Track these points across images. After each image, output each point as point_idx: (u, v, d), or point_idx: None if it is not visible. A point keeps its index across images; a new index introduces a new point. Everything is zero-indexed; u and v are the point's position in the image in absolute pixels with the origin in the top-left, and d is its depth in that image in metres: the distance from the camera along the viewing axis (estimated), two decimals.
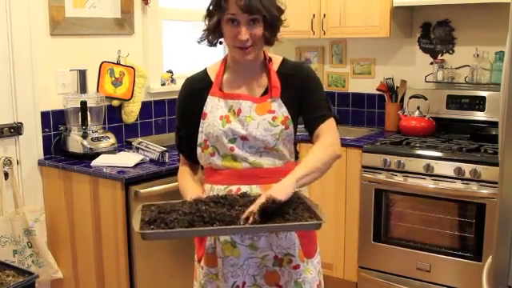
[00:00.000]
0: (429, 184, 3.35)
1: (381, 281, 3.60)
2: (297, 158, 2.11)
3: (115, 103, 3.62)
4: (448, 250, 3.38)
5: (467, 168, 3.23)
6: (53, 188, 3.22)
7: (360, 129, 4.24)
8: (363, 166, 3.59)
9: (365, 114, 4.38)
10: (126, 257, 2.93)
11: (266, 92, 2.02)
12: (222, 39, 2.00)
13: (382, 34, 3.84)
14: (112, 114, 3.61)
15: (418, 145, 3.56)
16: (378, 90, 4.19)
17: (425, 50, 4.10)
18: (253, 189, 1.96)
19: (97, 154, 3.19)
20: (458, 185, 3.27)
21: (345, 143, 3.66)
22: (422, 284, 3.45)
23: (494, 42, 3.74)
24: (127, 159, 3.12)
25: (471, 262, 3.28)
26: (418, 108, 3.91)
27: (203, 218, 1.68)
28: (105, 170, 3.00)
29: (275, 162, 2.00)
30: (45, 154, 3.28)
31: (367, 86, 4.31)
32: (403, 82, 4.12)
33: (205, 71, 2.12)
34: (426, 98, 3.91)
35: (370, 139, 3.78)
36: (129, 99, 3.62)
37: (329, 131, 1.99)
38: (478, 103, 3.80)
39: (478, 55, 3.80)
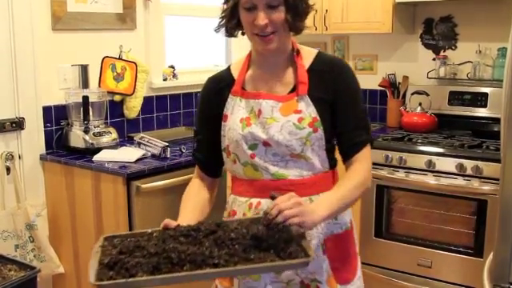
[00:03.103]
0: (430, 180, 3.35)
1: (382, 277, 3.60)
2: (333, 166, 1.82)
3: (117, 98, 3.62)
4: (449, 246, 3.38)
5: (469, 164, 3.23)
6: (55, 183, 3.23)
7: None
8: None
9: (367, 109, 4.37)
10: None
11: (293, 90, 1.75)
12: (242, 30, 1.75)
13: (385, 29, 3.83)
14: (114, 109, 3.61)
15: (419, 141, 3.55)
16: (380, 85, 4.18)
17: (427, 46, 4.09)
18: None
19: (98, 149, 3.19)
20: (460, 181, 3.27)
21: None
22: (423, 280, 3.46)
23: (497, 39, 3.74)
24: (129, 154, 3.12)
25: (472, 258, 3.28)
26: (420, 104, 3.90)
27: (171, 259, 1.41)
28: (106, 164, 3.00)
29: (302, 173, 1.73)
30: (47, 149, 3.29)
31: (369, 81, 4.30)
32: (405, 77, 4.11)
33: (228, 69, 1.88)
34: (428, 94, 3.91)
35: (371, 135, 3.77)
36: (130, 94, 3.62)
37: (364, 162, 1.75)
38: (480, 99, 3.80)
39: (480, 51, 3.79)
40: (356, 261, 1.88)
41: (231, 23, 1.73)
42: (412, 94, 3.98)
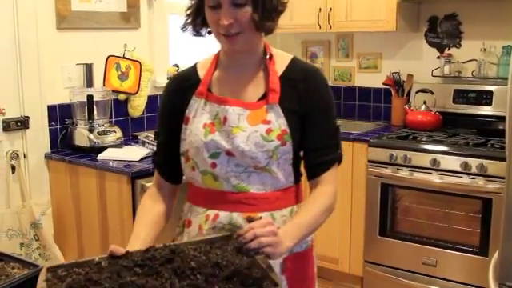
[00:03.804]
0: (435, 178, 3.35)
1: (386, 275, 3.60)
2: (298, 181, 1.69)
3: (121, 97, 3.63)
4: (454, 244, 3.37)
5: (474, 163, 3.22)
6: (59, 181, 3.24)
7: (366, 123, 4.24)
8: (369, 161, 3.58)
9: (371, 108, 4.37)
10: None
11: (263, 97, 1.60)
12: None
13: (389, 27, 3.83)
14: (118, 108, 3.61)
15: (424, 139, 3.55)
16: (384, 84, 4.18)
17: (432, 44, 4.08)
18: (234, 217, 1.59)
19: (103, 148, 3.20)
20: (465, 179, 3.26)
21: (351, 137, 3.66)
22: (428, 279, 3.45)
23: (502, 36, 3.72)
24: (133, 153, 3.13)
25: (477, 256, 3.27)
26: (425, 102, 3.90)
27: None
28: (111, 163, 3.00)
29: (265, 187, 1.60)
30: (51, 148, 3.30)
31: (373, 80, 4.30)
32: (410, 76, 4.11)
33: (194, 67, 1.74)
34: (432, 93, 3.90)
35: (376, 133, 3.77)
36: (135, 93, 3.62)
37: (331, 183, 1.63)
38: (485, 98, 3.79)
39: (485, 49, 3.78)
40: (314, 283, 1.75)
41: (197, 21, 1.61)
42: (416, 92, 3.98)
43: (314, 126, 1.62)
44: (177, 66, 4.01)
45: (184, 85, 1.69)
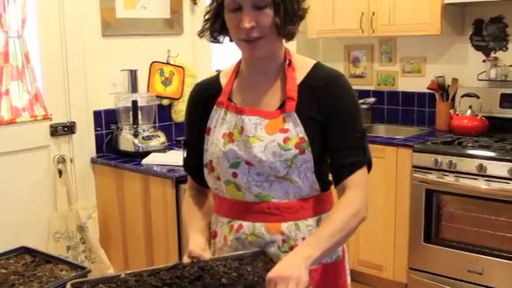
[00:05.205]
0: (481, 185, 3.28)
1: (431, 283, 3.54)
2: (326, 189, 1.63)
3: (165, 102, 3.67)
4: (501, 252, 3.29)
5: None
6: (105, 185, 3.29)
7: (410, 128, 4.18)
8: (414, 166, 3.53)
9: (415, 112, 4.31)
10: (176, 254, 2.96)
11: (283, 105, 1.56)
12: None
13: (433, 31, 3.77)
14: (162, 113, 3.66)
15: (470, 144, 3.48)
16: (428, 88, 4.12)
17: (477, 48, 4.01)
18: (257, 227, 1.57)
19: (147, 153, 3.24)
20: None
21: (395, 143, 3.62)
22: (473, 287, 3.38)
23: None
24: (177, 158, 3.15)
25: None
26: (470, 107, 3.83)
27: None
28: (155, 168, 3.04)
29: (288, 196, 1.56)
30: (97, 153, 3.36)
31: (417, 84, 4.24)
32: (455, 80, 4.04)
33: (217, 75, 1.72)
34: (478, 97, 3.82)
35: (420, 139, 3.72)
36: (178, 98, 3.66)
37: (359, 187, 1.53)
38: None
39: None
40: None
41: (215, 27, 1.57)
42: (462, 96, 3.91)
43: (336, 130, 1.55)
44: (219, 71, 4.02)
45: (206, 94, 1.68)
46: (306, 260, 1.38)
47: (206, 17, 1.59)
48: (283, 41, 1.58)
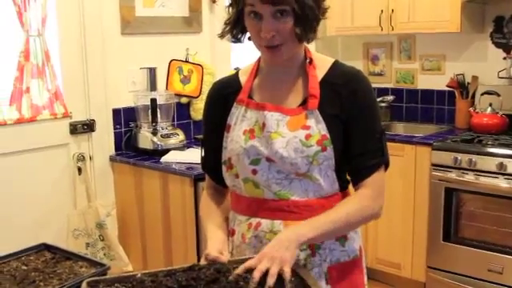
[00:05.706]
0: (502, 183, 3.25)
1: (450, 282, 3.52)
2: (344, 188, 1.64)
3: (184, 100, 3.68)
4: None
5: None
6: (124, 183, 3.31)
7: (429, 126, 4.15)
8: (433, 164, 3.51)
9: (434, 110, 4.28)
10: (195, 252, 2.97)
11: (304, 103, 1.57)
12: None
13: (453, 28, 3.74)
14: (181, 111, 3.67)
15: (490, 142, 3.45)
16: (448, 86, 4.09)
17: (497, 45, 3.97)
18: (276, 225, 1.57)
19: (166, 151, 3.25)
20: None
21: (414, 141, 3.60)
22: (494, 286, 3.35)
23: None
24: (196, 155, 3.14)
25: None
26: (491, 105, 3.79)
27: None
28: (174, 166, 3.05)
29: (308, 194, 1.56)
30: (116, 150, 3.38)
31: (437, 82, 4.21)
32: (474, 77, 4.00)
33: (236, 74, 1.74)
34: (498, 95, 3.79)
35: (439, 137, 3.69)
36: (197, 96, 3.67)
37: (374, 186, 1.58)
38: None
39: None
40: None
41: (236, 30, 1.58)
42: (482, 94, 3.87)
43: (358, 130, 1.56)
44: (238, 69, 4.03)
45: (225, 92, 1.69)
46: (300, 238, 1.43)
47: (227, 21, 1.60)
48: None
